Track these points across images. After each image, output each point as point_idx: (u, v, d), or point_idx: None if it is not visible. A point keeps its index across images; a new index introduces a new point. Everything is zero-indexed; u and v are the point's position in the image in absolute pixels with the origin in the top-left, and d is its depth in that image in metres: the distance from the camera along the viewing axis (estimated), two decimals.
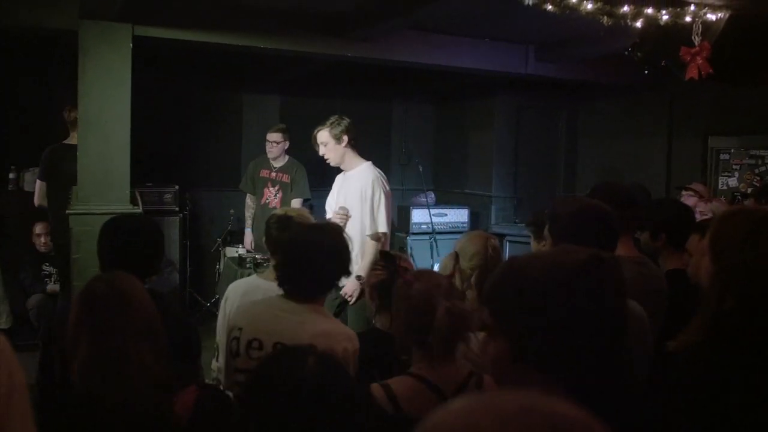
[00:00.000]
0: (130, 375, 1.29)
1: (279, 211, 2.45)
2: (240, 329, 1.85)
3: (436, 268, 5.63)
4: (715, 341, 1.21)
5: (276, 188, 5.03)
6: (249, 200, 5.17)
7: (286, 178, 5.01)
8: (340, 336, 1.79)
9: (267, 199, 5.01)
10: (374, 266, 2.03)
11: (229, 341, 1.88)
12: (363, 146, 7.09)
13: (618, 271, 1.00)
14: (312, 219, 2.47)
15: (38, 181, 4.41)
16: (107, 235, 1.95)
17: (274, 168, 5.04)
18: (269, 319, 1.82)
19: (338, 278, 1.96)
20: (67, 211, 3.87)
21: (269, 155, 5.05)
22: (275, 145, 5.00)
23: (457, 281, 2.21)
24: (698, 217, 2.94)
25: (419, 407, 1.45)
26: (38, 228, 4.90)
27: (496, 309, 1.00)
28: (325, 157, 3.78)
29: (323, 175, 6.92)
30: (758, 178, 5.43)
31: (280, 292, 2.17)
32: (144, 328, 1.36)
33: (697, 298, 1.34)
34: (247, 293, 2.31)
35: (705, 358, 1.21)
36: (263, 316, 1.85)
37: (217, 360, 2.34)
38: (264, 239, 2.42)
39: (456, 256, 2.25)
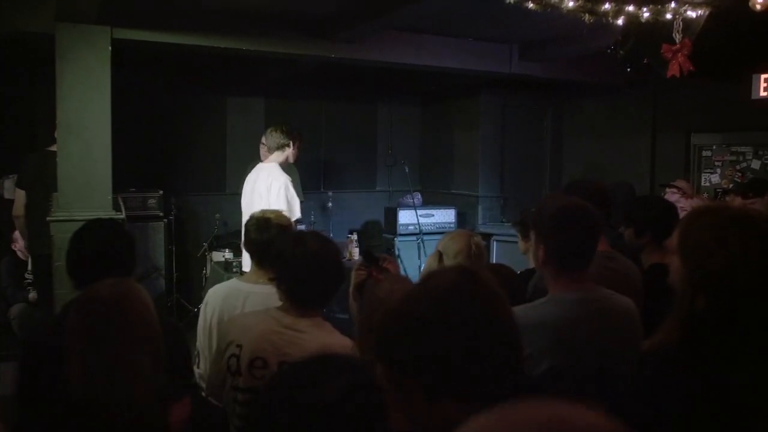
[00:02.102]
0: (129, 383, 1.25)
1: (257, 213, 2.42)
2: (239, 346, 1.80)
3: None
4: (688, 343, 1.20)
5: None
6: None
7: None
8: (343, 350, 1.75)
9: None
10: (357, 267, 2.01)
11: (227, 358, 1.82)
12: (348, 148, 7.15)
13: (491, 279, 1.02)
14: (290, 220, 2.44)
15: (18, 190, 4.26)
16: (74, 242, 1.90)
17: None
18: (271, 336, 1.78)
19: (338, 289, 1.93)
20: (48, 218, 3.80)
21: (263, 158, 4.96)
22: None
23: None
24: (681, 214, 2.96)
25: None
26: (17, 233, 4.80)
27: (393, 358, 0.99)
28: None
29: (317, 178, 6.94)
30: (740, 174, 5.49)
31: (260, 291, 2.14)
32: (143, 336, 1.32)
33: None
34: (228, 297, 2.28)
35: (679, 361, 1.20)
36: (264, 332, 1.80)
37: (198, 366, 2.30)
38: (243, 241, 2.39)
39: (440, 255, 2.24)
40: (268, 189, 3.92)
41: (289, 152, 4.14)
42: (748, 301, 1.15)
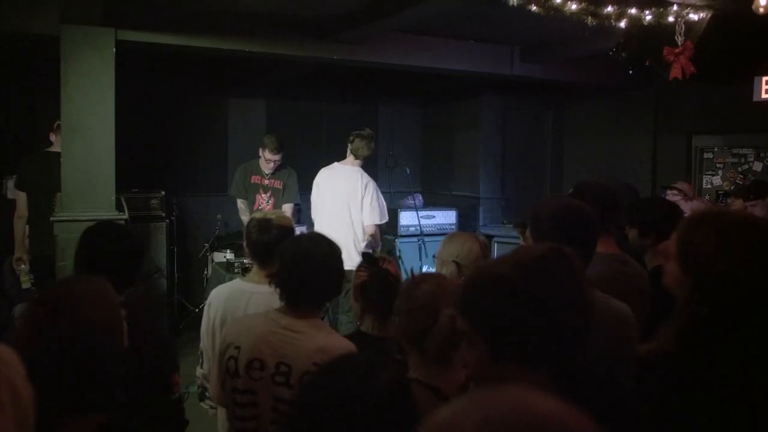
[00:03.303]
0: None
1: (258, 214, 2.43)
2: (237, 348, 1.81)
3: (425, 269, 5.64)
4: (689, 349, 1.20)
5: (268, 194, 4.95)
6: (242, 205, 5.02)
7: (278, 184, 4.95)
8: (340, 351, 1.75)
9: (259, 205, 4.91)
10: (358, 268, 2.01)
11: (225, 360, 1.83)
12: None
13: (576, 261, 1.07)
14: (292, 221, 2.44)
15: (18, 192, 4.23)
16: (83, 242, 1.89)
17: (266, 174, 4.94)
18: (268, 337, 1.79)
19: (337, 291, 1.93)
20: (51, 218, 3.81)
21: (264, 168, 4.91)
22: (276, 163, 4.88)
23: None
24: None
25: (424, 411, 1.42)
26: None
27: (471, 314, 1.04)
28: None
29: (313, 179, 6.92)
30: (741, 176, 5.50)
31: (264, 291, 2.15)
32: (69, 342, 1.19)
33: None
34: (231, 298, 2.28)
35: (680, 367, 1.19)
36: (262, 334, 1.80)
37: (201, 366, 2.31)
38: (244, 242, 2.40)
39: (458, 265, 2.21)
40: (362, 193, 4.21)
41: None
42: (752, 308, 1.15)
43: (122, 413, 1.28)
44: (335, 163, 4.45)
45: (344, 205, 4.23)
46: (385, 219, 4.27)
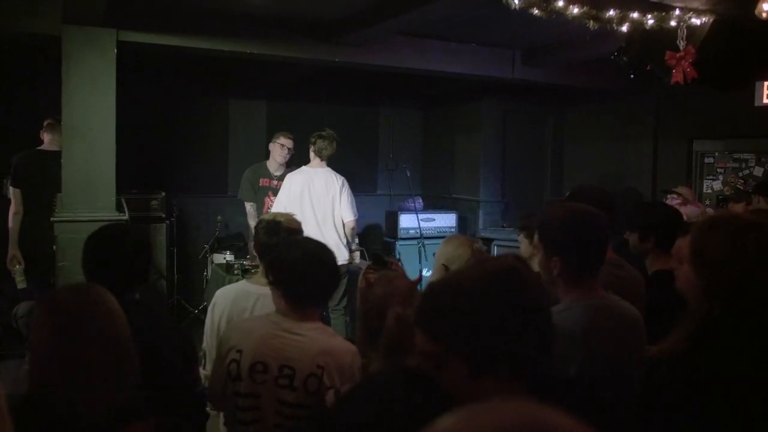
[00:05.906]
0: (85, 393, 1.21)
1: (267, 216, 2.43)
2: (240, 351, 1.81)
3: (425, 273, 5.64)
4: (701, 349, 1.20)
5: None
6: (251, 208, 4.90)
7: None
8: (343, 352, 1.77)
9: (269, 208, 4.85)
10: (366, 270, 2.01)
11: (227, 364, 1.83)
12: (350, 151, 7.16)
13: (532, 270, 1.09)
14: (300, 223, 2.44)
15: (12, 189, 4.21)
16: (90, 245, 1.89)
17: (275, 176, 4.88)
18: (270, 341, 1.79)
19: (334, 288, 1.94)
20: (51, 218, 3.81)
21: (279, 160, 4.86)
22: (290, 152, 4.84)
23: None
24: None
25: None
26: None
27: (444, 335, 1.01)
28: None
29: None
30: (741, 181, 5.50)
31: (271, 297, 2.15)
32: (105, 348, 1.26)
33: (682, 300, 1.34)
34: (237, 299, 2.28)
35: (691, 367, 1.20)
36: (264, 337, 1.81)
37: (204, 367, 2.30)
38: (252, 244, 2.40)
39: (446, 268, 2.20)
40: (340, 192, 4.32)
41: None
42: (764, 309, 1.16)
43: (173, 417, 1.34)
44: (304, 167, 4.46)
45: (329, 206, 4.32)
46: (357, 214, 4.48)
